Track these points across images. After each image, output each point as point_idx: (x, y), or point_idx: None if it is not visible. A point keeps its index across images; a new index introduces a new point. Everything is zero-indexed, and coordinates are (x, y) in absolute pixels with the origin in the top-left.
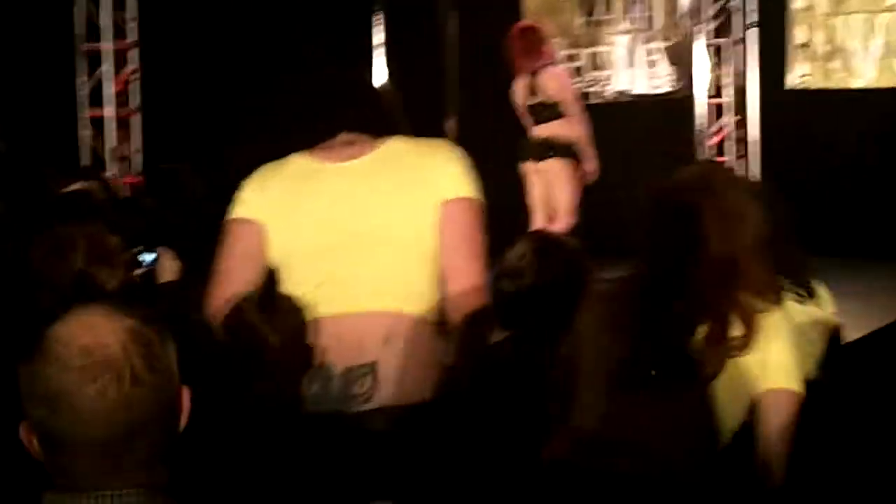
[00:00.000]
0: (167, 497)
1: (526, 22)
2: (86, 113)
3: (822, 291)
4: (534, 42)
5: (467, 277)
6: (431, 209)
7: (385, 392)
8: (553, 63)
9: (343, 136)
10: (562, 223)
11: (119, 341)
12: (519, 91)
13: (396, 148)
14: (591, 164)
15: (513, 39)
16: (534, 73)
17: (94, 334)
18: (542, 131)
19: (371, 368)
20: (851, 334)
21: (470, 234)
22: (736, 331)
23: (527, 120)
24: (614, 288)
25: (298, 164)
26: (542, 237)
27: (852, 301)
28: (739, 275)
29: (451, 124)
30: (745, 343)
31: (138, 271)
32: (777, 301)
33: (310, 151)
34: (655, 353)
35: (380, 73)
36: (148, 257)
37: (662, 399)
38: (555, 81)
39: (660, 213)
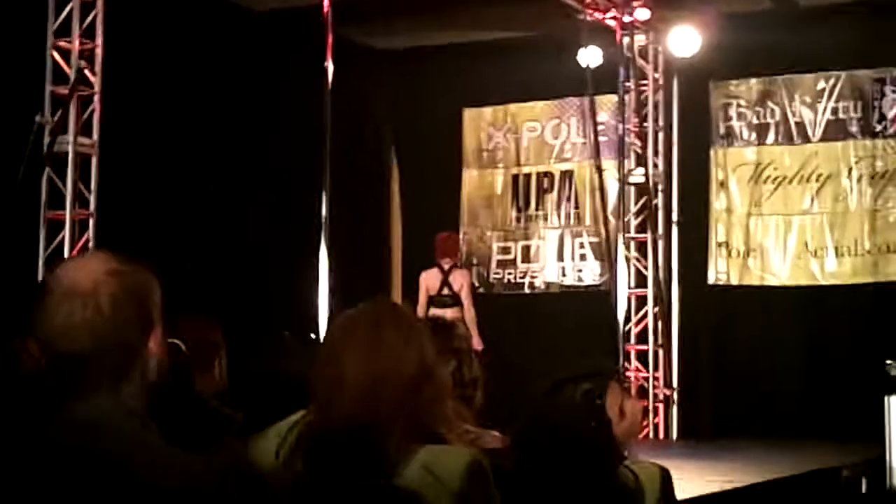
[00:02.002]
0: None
1: (446, 233)
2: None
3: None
4: (451, 246)
5: None
6: None
7: None
8: (460, 265)
9: None
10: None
11: (93, 278)
12: (431, 280)
13: None
14: (477, 343)
15: (438, 241)
16: (447, 270)
17: (77, 272)
18: (438, 314)
19: None
20: None
21: None
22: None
23: (424, 302)
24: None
25: None
26: None
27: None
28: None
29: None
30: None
31: None
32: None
33: None
34: None
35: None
36: None
37: None
38: (462, 278)
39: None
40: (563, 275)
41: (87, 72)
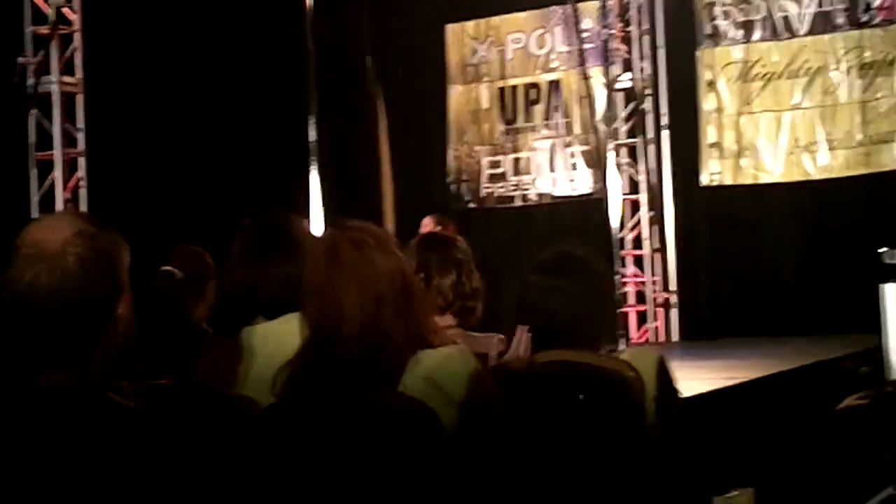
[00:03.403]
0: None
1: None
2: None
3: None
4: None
5: None
6: None
7: None
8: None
9: None
10: None
11: (61, 239)
12: None
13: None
14: None
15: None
16: None
17: (45, 233)
18: None
19: None
20: None
21: None
22: None
23: None
24: None
25: None
26: None
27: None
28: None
29: None
30: None
31: None
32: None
33: None
34: None
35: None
36: None
37: None
38: None
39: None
40: (556, 185)
41: (66, 10)
